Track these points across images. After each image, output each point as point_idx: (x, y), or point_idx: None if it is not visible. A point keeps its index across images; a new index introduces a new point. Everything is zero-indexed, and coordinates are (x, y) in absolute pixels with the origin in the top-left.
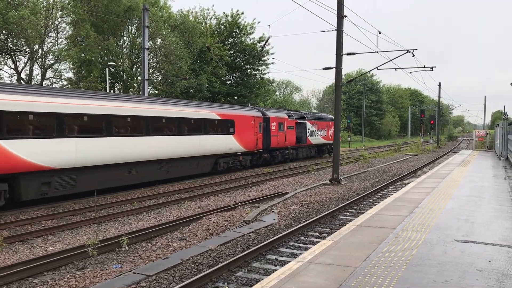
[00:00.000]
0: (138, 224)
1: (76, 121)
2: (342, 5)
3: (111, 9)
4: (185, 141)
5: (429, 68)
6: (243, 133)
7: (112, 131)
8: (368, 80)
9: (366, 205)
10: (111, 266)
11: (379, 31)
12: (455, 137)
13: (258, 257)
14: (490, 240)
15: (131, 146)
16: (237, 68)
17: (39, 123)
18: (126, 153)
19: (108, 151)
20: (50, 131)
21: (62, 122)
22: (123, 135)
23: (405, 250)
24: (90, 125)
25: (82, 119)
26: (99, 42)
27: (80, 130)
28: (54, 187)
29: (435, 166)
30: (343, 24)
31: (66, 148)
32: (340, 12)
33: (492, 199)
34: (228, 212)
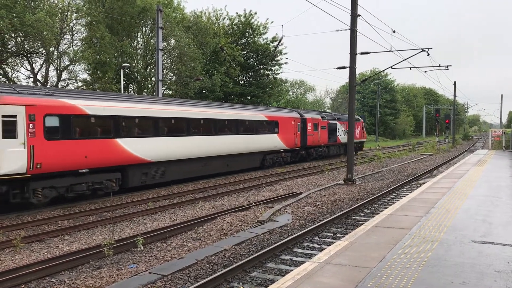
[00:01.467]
0: (153, 224)
1: (166, 124)
2: (356, 4)
3: (125, 10)
4: (241, 139)
5: (444, 67)
6: (285, 132)
7: (190, 131)
8: (382, 80)
9: (381, 205)
10: (126, 266)
11: (393, 30)
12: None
13: (273, 257)
14: (508, 241)
15: (204, 143)
16: (250, 68)
17: (142, 125)
18: (201, 149)
19: (188, 148)
20: (149, 131)
21: (157, 124)
22: (198, 134)
23: (422, 251)
24: (176, 126)
25: (170, 122)
26: (114, 44)
27: (168, 131)
28: (150, 177)
29: (451, 166)
30: (357, 23)
31: (160, 145)
32: (354, 11)
33: (509, 199)
34: (242, 212)
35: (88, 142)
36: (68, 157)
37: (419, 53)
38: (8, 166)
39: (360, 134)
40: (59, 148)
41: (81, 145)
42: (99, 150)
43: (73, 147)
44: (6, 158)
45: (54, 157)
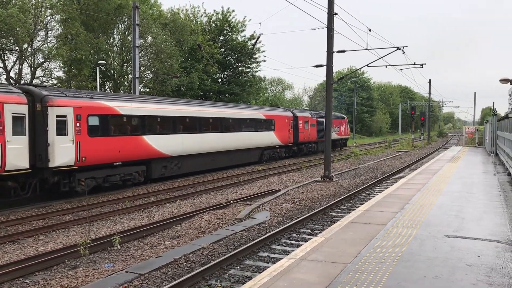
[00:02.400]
0: (130, 223)
1: (182, 122)
2: (333, 3)
3: (101, 7)
4: (244, 136)
5: (419, 65)
6: (280, 130)
7: (202, 129)
8: (359, 78)
9: (357, 201)
10: (103, 265)
11: (369, 28)
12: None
13: (251, 254)
14: (479, 235)
15: (213, 140)
16: (228, 66)
17: (162, 123)
18: (210, 145)
19: (200, 144)
20: (168, 129)
21: (175, 123)
22: (208, 131)
23: (396, 246)
24: (190, 124)
25: (185, 120)
26: (89, 41)
27: (184, 128)
28: (169, 169)
29: (426, 162)
30: (333, 22)
31: (177, 141)
32: (330, 10)
33: (481, 194)
34: (220, 210)
35: (121, 138)
36: (106, 151)
37: (394, 51)
38: (60, 159)
39: (345, 131)
40: (99, 144)
41: (116, 141)
42: (130, 145)
43: (109, 143)
44: (59, 152)
45: (95, 151)
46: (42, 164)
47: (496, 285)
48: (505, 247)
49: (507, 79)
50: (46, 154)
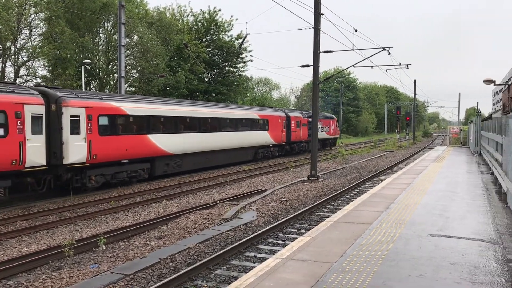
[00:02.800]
0: (116, 223)
1: (183, 122)
2: (319, 3)
3: (86, 5)
4: (240, 135)
5: (405, 65)
6: (274, 129)
7: (201, 128)
8: (345, 78)
9: (343, 201)
10: (88, 266)
11: (355, 29)
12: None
13: (237, 254)
14: (463, 234)
15: (211, 139)
16: (215, 65)
17: (165, 123)
18: (209, 144)
19: (199, 142)
20: (171, 128)
21: (177, 123)
22: (207, 131)
23: (381, 245)
24: (190, 124)
25: (186, 120)
26: (74, 39)
27: (185, 128)
28: (171, 167)
29: (411, 162)
30: (320, 22)
31: (178, 140)
32: (317, 10)
33: (465, 194)
34: (206, 210)
35: (128, 137)
36: (115, 149)
37: (380, 52)
38: (74, 156)
39: (335, 131)
40: (108, 142)
41: (123, 140)
42: (136, 144)
43: (118, 141)
44: (72, 150)
45: (105, 149)
46: (57, 161)
47: (479, 283)
48: (488, 245)
49: (490, 80)
50: (61, 151)
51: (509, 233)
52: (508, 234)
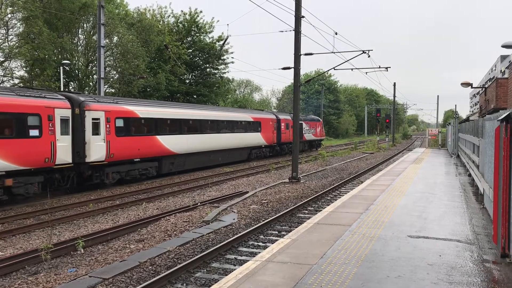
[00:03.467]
0: (94, 226)
1: (186, 124)
2: (300, 6)
3: (64, 6)
4: (236, 136)
5: (384, 68)
6: (266, 131)
7: (202, 130)
8: (326, 80)
9: (324, 202)
10: (65, 270)
11: (335, 32)
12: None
13: (218, 257)
14: (441, 235)
15: (211, 140)
16: (196, 67)
17: (171, 125)
18: (209, 144)
19: (200, 143)
20: (176, 130)
21: (181, 124)
22: (207, 132)
23: (360, 247)
24: (193, 126)
25: (189, 122)
26: (53, 40)
27: (188, 129)
28: (175, 165)
29: (390, 164)
30: (300, 25)
31: (182, 140)
32: (297, 13)
33: (443, 195)
34: (187, 212)
35: (140, 138)
36: (129, 149)
37: (360, 54)
38: (95, 155)
39: (321, 133)
40: (124, 142)
41: (136, 140)
42: (147, 144)
43: (132, 142)
44: (93, 149)
45: (121, 149)
46: (80, 160)
47: (455, 284)
48: (465, 246)
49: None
50: (83, 151)
51: (485, 234)
52: (484, 235)
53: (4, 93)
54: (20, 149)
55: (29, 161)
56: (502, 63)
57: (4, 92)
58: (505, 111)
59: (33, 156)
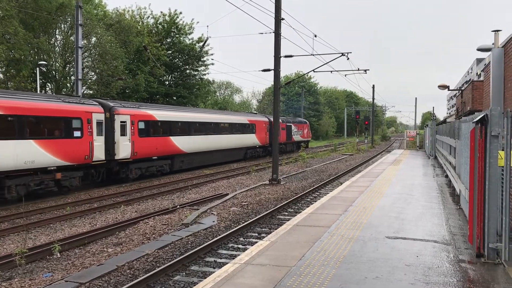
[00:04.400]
0: (71, 230)
1: (194, 126)
2: (280, 8)
3: (41, 5)
4: (235, 137)
5: (363, 71)
6: (260, 133)
7: (206, 131)
8: (306, 83)
9: (304, 204)
10: (41, 275)
11: (315, 34)
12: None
13: (197, 260)
14: (418, 236)
15: (214, 140)
16: (175, 68)
17: (182, 127)
18: (212, 144)
19: (205, 143)
20: (186, 131)
21: (190, 126)
22: (210, 134)
23: (339, 248)
24: (199, 128)
25: (196, 125)
26: (29, 40)
27: (195, 131)
28: (185, 163)
29: (369, 165)
30: (280, 27)
31: (191, 141)
32: (277, 15)
33: (421, 196)
34: (166, 215)
35: (157, 139)
36: (149, 148)
37: (339, 57)
38: (122, 153)
39: (307, 134)
40: (145, 142)
41: (154, 140)
42: (162, 144)
43: (151, 142)
44: (121, 148)
45: (142, 148)
46: (110, 157)
47: (432, 284)
48: (441, 246)
49: (444, 86)
50: (113, 149)
51: (462, 234)
52: (461, 235)
53: (53, 100)
54: (67, 148)
55: (74, 158)
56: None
57: (53, 99)
58: (480, 113)
59: (76, 153)
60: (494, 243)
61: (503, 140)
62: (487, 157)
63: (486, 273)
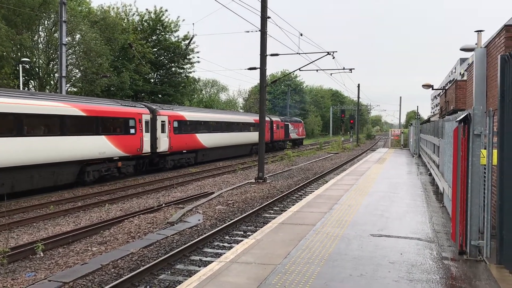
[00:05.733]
0: (55, 229)
1: (212, 125)
2: (266, 7)
3: (24, 1)
4: (243, 135)
5: (348, 70)
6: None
7: (222, 129)
8: (292, 81)
9: (289, 202)
10: (23, 274)
11: (300, 33)
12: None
13: (182, 258)
14: (402, 234)
15: (227, 137)
16: (161, 66)
17: (204, 126)
18: (225, 140)
19: (220, 139)
20: (207, 129)
21: (209, 125)
22: (225, 131)
23: (324, 246)
24: (216, 126)
25: (214, 124)
26: (11, 36)
27: (213, 129)
28: (205, 157)
29: (354, 163)
30: (266, 25)
31: (211, 137)
32: (263, 14)
33: (405, 194)
34: (151, 214)
35: (186, 135)
36: (181, 143)
37: (325, 56)
38: (162, 147)
39: (302, 132)
40: (178, 138)
41: (184, 137)
42: (190, 140)
43: (182, 138)
44: (162, 143)
45: (176, 143)
46: (153, 150)
47: (416, 281)
48: (425, 244)
49: (428, 85)
50: (155, 144)
51: (445, 232)
52: (444, 233)
53: (115, 104)
54: (126, 142)
55: (130, 150)
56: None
57: (114, 103)
58: (463, 112)
59: (132, 147)
60: (476, 240)
61: (485, 139)
62: (470, 156)
63: (468, 270)
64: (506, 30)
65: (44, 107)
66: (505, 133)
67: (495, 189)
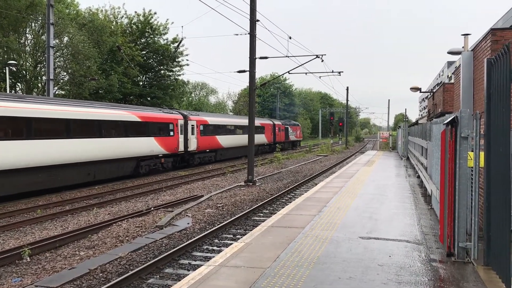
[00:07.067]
0: (42, 233)
1: (229, 128)
2: (255, 10)
3: (10, 3)
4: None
5: (337, 73)
6: (267, 133)
7: (233, 132)
8: (281, 84)
9: (279, 205)
10: (9, 280)
11: (289, 36)
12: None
13: (171, 262)
14: (391, 236)
15: (236, 138)
16: (150, 68)
17: (222, 128)
18: (235, 142)
19: (233, 141)
20: (224, 132)
21: (226, 128)
22: (235, 134)
23: (313, 249)
24: (232, 129)
25: (230, 127)
26: None
27: (229, 132)
28: (223, 155)
29: (343, 166)
30: (255, 29)
31: (227, 139)
32: (252, 17)
33: (394, 196)
34: (140, 217)
35: (209, 137)
36: (206, 144)
37: (314, 59)
38: (192, 147)
39: (299, 135)
40: (204, 140)
41: (208, 138)
42: (212, 141)
43: (206, 139)
44: (192, 143)
45: (203, 143)
46: (185, 149)
47: (404, 283)
48: (413, 246)
49: (416, 88)
50: (186, 144)
51: (433, 234)
52: (432, 235)
53: (158, 111)
54: (167, 142)
55: (170, 149)
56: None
57: (157, 111)
58: (450, 115)
59: (171, 146)
60: (464, 242)
61: (472, 141)
62: (457, 158)
63: (456, 272)
64: (492, 33)
65: (114, 115)
66: (492, 136)
67: (482, 191)
